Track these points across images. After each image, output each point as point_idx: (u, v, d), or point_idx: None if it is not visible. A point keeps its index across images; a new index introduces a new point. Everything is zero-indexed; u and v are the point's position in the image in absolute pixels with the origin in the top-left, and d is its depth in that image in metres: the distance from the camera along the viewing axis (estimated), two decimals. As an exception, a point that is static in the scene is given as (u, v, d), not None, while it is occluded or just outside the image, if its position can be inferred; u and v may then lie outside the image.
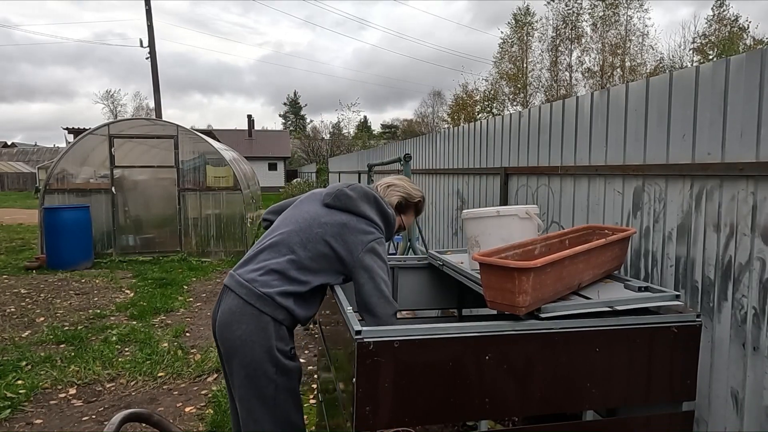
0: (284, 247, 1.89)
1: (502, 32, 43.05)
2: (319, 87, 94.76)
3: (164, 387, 3.73)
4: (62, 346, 4.53)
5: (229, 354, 1.86)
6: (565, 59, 35.17)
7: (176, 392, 3.64)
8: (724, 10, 32.25)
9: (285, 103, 70.10)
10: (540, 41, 35.90)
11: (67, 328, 5.01)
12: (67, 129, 16.29)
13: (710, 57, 30.77)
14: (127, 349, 4.46)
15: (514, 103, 36.48)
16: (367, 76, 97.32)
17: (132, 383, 3.77)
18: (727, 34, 31.48)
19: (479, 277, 1.68)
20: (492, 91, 37.12)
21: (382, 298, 1.84)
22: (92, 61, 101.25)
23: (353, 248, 1.87)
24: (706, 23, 32.96)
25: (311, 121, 72.94)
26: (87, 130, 8.94)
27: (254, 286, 1.83)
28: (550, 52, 35.31)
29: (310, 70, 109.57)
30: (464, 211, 2.27)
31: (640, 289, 1.82)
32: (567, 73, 35.27)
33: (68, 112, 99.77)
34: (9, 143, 56.29)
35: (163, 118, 14.71)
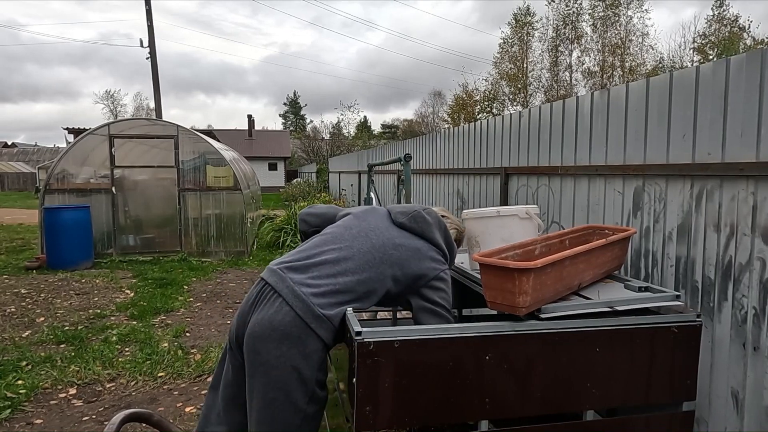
0: (353, 263, 1.70)
1: (502, 32, 43.07)
2: (323, 87, 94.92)
3: (164, 387, 3.73)
4: (62, 346, 4.52)
5: (257, 370, 1.63)
6: (565, 59, 35.18)
7: (176, 392, 3.64)
8: (724, 10, 32.25)
9: (285, 103, 70.17)
10: (540, 41, 35.93)
11: (67, 328, 5.01)
12: (67, 129, 16.33)
13: (710, 57, 30.77)
14: (127, 349, 4.46)
15: (514, 103, 36.50)
16: (370, 77, 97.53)
17: (132, 383, 3.77)
18: (727, 34, 31.47)
19: (479, 277, 1.68)
20: (492, 92, 37.13)
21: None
22: (97, 61, 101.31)
23: (424, 276, 1.75)
24: (706, 23, 32.98)
25: (311, 121, 73.04)
26: (87, 130, 8.94)
27: (314, 304, 1.60)
28: (550, 53, 35.31)
29: (313, 70, 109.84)
30: (464, 211, 2.27)
31: (640, 289, 1.82)
32: (567, 74, 35.28)
33: (71, 112, 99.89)
34: (9, 143, 56.32)
35: (166, 119, 14.71)
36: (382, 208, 1.98)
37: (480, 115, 36.52)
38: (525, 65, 36.37)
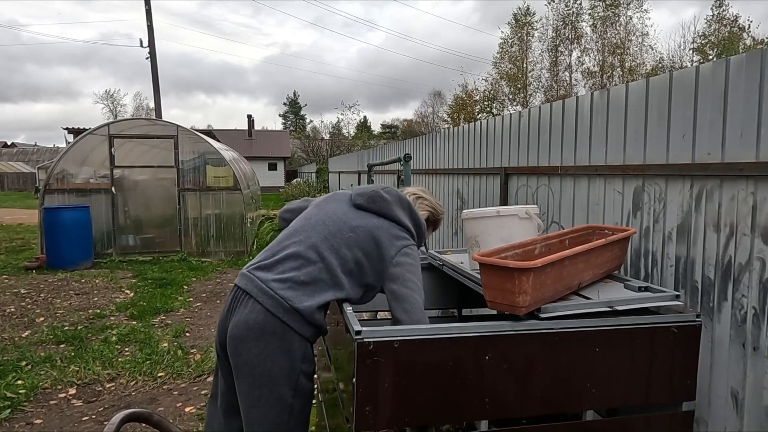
0: (313, 253, 1.71)
1: (502, 32, 43.07)
2: (323, 87, 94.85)
3: (164, 387, 3.73)
4: (62, 346, 4.52)
5: (242, 372, 1.67)
6: (564, 60, 35.19)
7: (176, 392, 3.64)
8: (723, 11, 32.27)
9: (285, 103, 70.17)
10: (540, 41, 35.95)
11: (67, 328, 5.00)
12: (67, 129, 16.30)
13: (710, 57, 30.78)
14: (127, 349, 4.46)
15: (514, 103, 36.50)
16: (370, 77, 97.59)
17: (132, 383, 3.77)
18: (726, 34, 31.49)
19: (479, 277, 1.67)
20: (492, 92, 37.13)
21: (414, 306, 1.72)
22: (97, 61, 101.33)
23: (386, 254, 1.74)
24: (706, 23, 33.01)
25: (311, 121, 73.00)
26: (87, 130, 8.94)
27: (283, 298, 1.63)
28: (550, 53, 35.33)
29: (314, 70, 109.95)
30: (464, 211, 2.27)
31: (640, 289, 1.82)
32: (567, 74, 35.29)
33: (72, 112, 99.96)
34: (9, 143, 56.29)
35: (167, 119, 14.68)
36: (346, 192, 1.96)
37: (480, 115, 36.52)
38: (525, 65, 36.38)
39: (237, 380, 1.71)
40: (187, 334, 4.88)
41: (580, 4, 33.57)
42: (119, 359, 4.18)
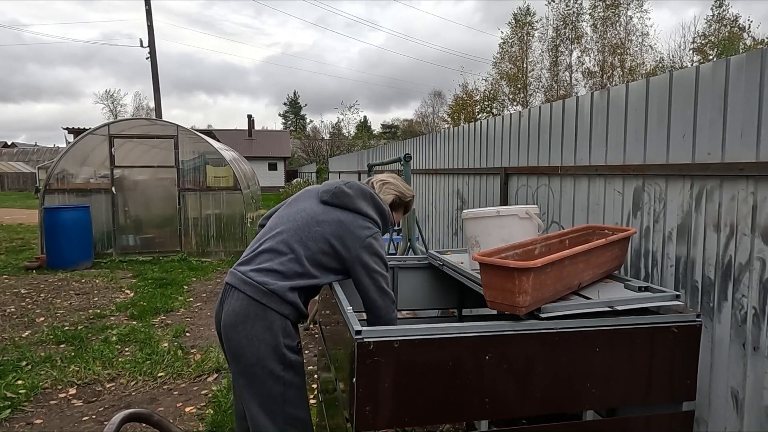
0: (284, 246, 1.91)
1: (502, 32, 43.03)
2: (324, 87, 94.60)
3: (164, 387, 3.73)
4: (62, 346, 4.52)
5: (235, 354, 1.87)
6: (565, 60, 35.17)
7: (176, 392, 3.64)
8: (723, 11, 32.24)
9: (285, 103, 70.15)
10: (540, 41, 35.92)
11: (67, 328, 5.00)
12: (67, 129, 16.28)
13: (710, 57, 30.77)
14: (127, 349, 4.46)
15: (514, 103, 36.48)
16: (371, 77, 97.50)
17: (132, 383, 3.77)
18: (726, 34, 31.47)
19: (479, 277, 1.68)
20: (492, 92, 37.11)
21: (379, 291, 1.93)
22: (99, 61, 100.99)
23: (351, 244, 1.91)
24: (706, 23, 32.98)
25: (311, 121, 72.96)
26: (87, 130, 8.94)
27: (260, 283, 1.85)
28: (550, 53, 35.30)
29: (315, 71, 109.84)
30: (464, 211, 2.27)
31: (640, 289, 1.82)
32: (567, 74, 35.27)
33: (72, 112, 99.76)
34: (9, 143, 56.27)
35: (168, 119, 14.65)
36: (316, 188, 2.14)
37: (480, 115, 36.50)
38: (525, 65, 36.35)
39: (232, 364, 1.91)
40: (187, 334, 4.88)
41: (580, 4, 33.55)
42: (119, 359, 4.18)
